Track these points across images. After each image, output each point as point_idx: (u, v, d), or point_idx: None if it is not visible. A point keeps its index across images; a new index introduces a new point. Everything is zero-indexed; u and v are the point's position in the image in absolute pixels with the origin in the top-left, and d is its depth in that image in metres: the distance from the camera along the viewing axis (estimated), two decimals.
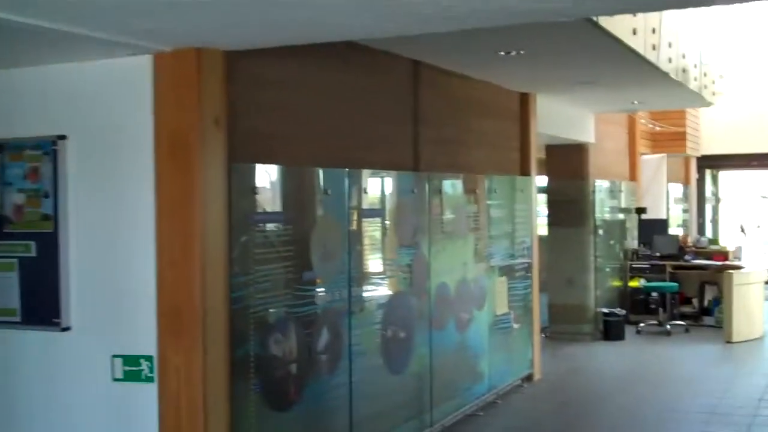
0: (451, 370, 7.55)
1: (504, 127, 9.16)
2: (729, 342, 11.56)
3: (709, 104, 11.53)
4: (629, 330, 12.35)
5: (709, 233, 19.60)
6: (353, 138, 6.34)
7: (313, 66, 5.85)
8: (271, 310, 5.18)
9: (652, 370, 10.12)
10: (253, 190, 5.07)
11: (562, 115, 10.93)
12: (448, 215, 7.57)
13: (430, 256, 7.16)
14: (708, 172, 20.41)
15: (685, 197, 18.81)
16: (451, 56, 7.18)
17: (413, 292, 6.91)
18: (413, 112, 7.25)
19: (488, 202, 8.37)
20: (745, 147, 18.42)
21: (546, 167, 12.18)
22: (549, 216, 12.36)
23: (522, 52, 6.91)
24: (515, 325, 9.02)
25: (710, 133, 18.21)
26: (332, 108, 6.10)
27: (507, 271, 8.82)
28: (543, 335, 11.22)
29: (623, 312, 12.39)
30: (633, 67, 7.86)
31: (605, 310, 12.23)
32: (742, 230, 19.83)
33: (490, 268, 8.41)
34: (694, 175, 19.23)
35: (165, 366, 4.77)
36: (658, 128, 15.28)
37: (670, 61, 8.36)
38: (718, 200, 20.82)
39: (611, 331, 12.07)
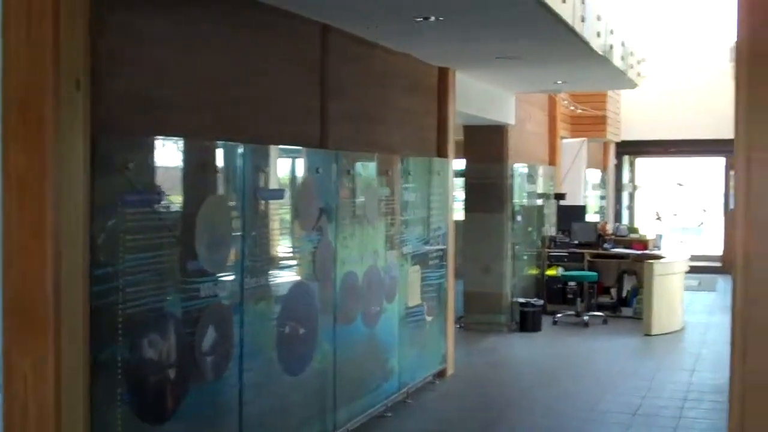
0: (358, 368, 6.90)
1: (421, 104, 8.51)
2: (648, 335, 11.15)
3: (634, 86, 11.06)
4: (546, 320, 11.88)
5: (625, 221, 19.39)
6: (250, 108, 5.61)
7: (203, 23, 5.11)
8: (145, 306, 4.42)
9: (571, 365, 9.61)
10: (125, 165, 4.30)
11: (482, 94, 10.35)
12: (358, 198, 6.90)
13: (337, 242, 6.48)
14: (626, 159, 20.20)
15: (603, 183, 18.52)
16: (364, 21, 6.50)
17: (316, 283, 6.22)
18: (321, 83, 6.53)
19: (402, 184, 7.73)
20: (662, 134, 18.22)
21: (464, 149, 11.60)
22: (466, 201, 11.81)
23: (441, 18, 6.26)
24: (428, 318, 8.41)
25: (628, 119, 17.94)
26: (225, 73, 5.36)
27: (421, 259, 8.20)
28: (457, 325, 10.68)
29: (540, 302, 11.91)
30: (560, 40, 7.28)
31: (522, 300, 11.74)
32: (658, 217, 19.70)
33: (403, 256, 7.77)
34: (612, 161, 18.97)
35: (11, 371, 3.97)
36: (579, 111, 14.84)
37: (598, 35, 7.80)
38: (635, 187, 20.63)
39: (528, 321, 11.57)
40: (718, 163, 19.45)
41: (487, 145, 11.52)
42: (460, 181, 11.47)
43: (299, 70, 6.28)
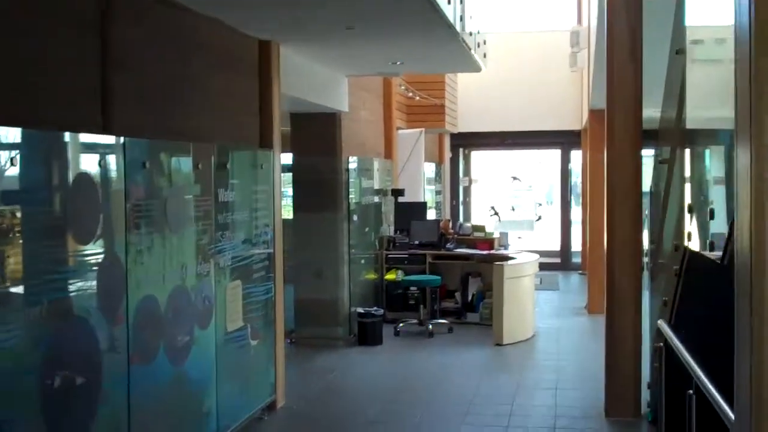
0: (162, 417, 5.38)
1: (238, 83, 7.05)
2: (499, 344, 10.06)
3: (479, 69, 9.91)
4: (387, 330, 10.62)
5: (461, 217, 18.50)
6: None
7: None
8: None
9: (420, 388, 8.27)
10: None
11: (311, 76, 8.97)
12: (157, 199, 5.36)
13: (129, 258, 4.93)
14: (461, 151, 19.32)
15: (438, 178, 17.52)
16: None
17: (100, 314, 4.66)
18: (101, 51, 4.97)
19: (217, 181, 6.23)
20: (498, 125, 17.39)
21: (291, 140, 10.19)
22: (295, 198, 10.40)
23: None
24: (253, 342, 6.96)
25: (463, 110, 16.98)
26: None
27: (242, 272, 6.73)
28: (287, 340, 9.26)
29: (381, 311, 10.63)
30: (405, 2, 5.99)
31: (360, 310, 10.42)
32: (495, 212, 18.88)
33: (220, 269, 6.29)
34: (447, 154, 18.00)
35: None
36: (418, 98, 13.65)
37: (449, 2, 6.56)
38: (470, 181, 19.77)
39: (368, 334, 10.29)
40: (554, 155, 18.83)
41: (317, 136, 10.18)
42: (288, 177, 10.06)
43: (69, 33, 4.71)
